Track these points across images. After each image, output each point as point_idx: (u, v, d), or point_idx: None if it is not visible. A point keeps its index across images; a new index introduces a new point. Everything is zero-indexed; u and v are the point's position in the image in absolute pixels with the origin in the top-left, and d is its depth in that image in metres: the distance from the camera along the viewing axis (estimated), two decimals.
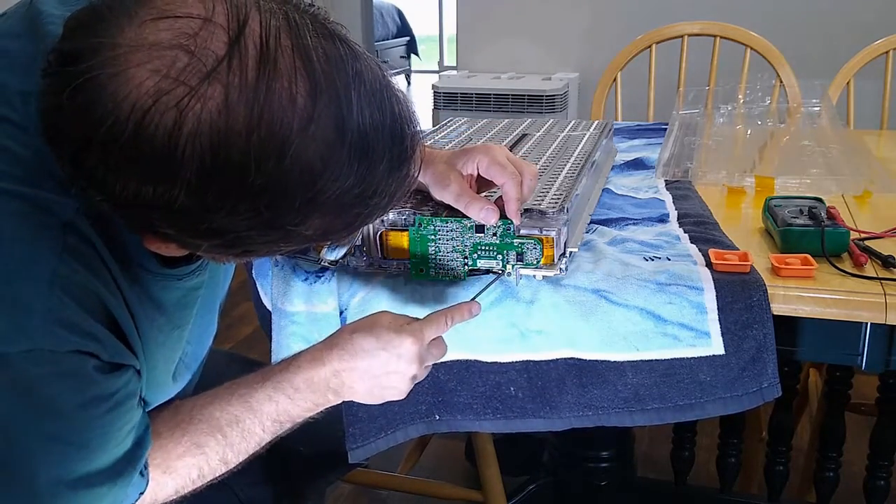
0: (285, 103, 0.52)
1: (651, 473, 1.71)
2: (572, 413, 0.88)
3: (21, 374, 0.57)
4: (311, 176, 0.54)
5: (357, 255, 0.90)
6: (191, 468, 0.73)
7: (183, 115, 0.51)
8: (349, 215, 0.59)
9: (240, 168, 0.52)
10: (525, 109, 3.32)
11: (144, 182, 0.53)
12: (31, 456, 0.60)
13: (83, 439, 0.62)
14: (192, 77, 0.51)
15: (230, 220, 0.55)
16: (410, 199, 0.92)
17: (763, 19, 2.80)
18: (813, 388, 1.73)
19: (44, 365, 0.58)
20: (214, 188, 0.53)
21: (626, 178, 1.26)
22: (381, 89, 0.57)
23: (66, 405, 0.60)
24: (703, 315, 0.84)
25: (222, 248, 0.59)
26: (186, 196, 0.53)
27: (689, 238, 0.97)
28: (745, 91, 1.65)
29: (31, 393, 0.58)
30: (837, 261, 0.89)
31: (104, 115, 0.51)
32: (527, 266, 0.85)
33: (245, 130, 0.52)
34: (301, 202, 0.55)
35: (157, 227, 0.57)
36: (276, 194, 0.54)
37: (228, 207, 0.54)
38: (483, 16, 3.57)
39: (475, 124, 1.32)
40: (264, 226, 0.56)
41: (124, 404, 0.65)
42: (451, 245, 0.86)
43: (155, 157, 0.52)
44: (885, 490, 1.34)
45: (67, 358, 0.59)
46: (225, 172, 0.52)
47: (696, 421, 1.21)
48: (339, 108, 0.54)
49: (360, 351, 0.76)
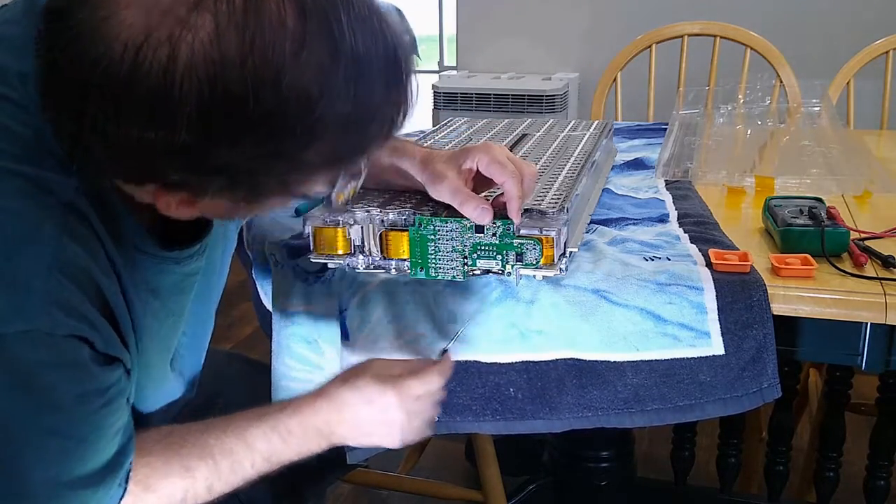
0: (276, 27, 0.52)
1: (651, 473, 1.71)
2: (572, 414, 0.88)
3: (18, 358, 0.57)
4: (308, 101, 0.54)
5: (356, 254, 0.89)
6: (176, 489, 0.72)
7: (175, 48, 0.51)
8: (351, 142, 0.59)
9: (238, 98, 0.52)
10: (525, 109, 3.32)
11: (146, 124, 0.53)
12: (29, 452, 0.59)
13: (81, 434, 0.62)
14: (180, 9, 0.51)
15: (233, 152, 0.55)
16: (410, 199, 0.92)
17: (763, 19, 2.80)
18: (813, 388, 1.73)
19: (40, 349, 0.58)
20: (215, 121, 0.53)
21: (626, 178, 1.26)
22: (370, 15, 0.57)
23: (66, 397, 0.60)
24: (703, 315, 0.84)
25: (230, 190, 0.58)
26: (188, 133, 0.53)
27: (689, 238, 0.97)
28: (745, 91, 1.65)
29: (30, 382, 0.58)
30: (837, 261, 0.89)
31: (98, 58, 0.51)
32: (527, 266, 0.85)
33: (239, 58, 0.52)
34: (301, 129, 0.55)
35: (163, 173, 0.56)
36: (276, 122, 0.54)
37: (230, 139, 0.54)
38: (483, 16, 3.57)
39: (475, 124, 1.32)
40: (268, 155, 0.56)
41: (115, 401, 0.65)
42: (451, 245, 0.86)
43: (153, 95, 0.52)
44: (885, 490, 1.34)
45: (64, 343, 0.59)
46: (224, 103, 0.52)
47: (696, 421, 1.21)
48: (331, 31, 0.54)
49: (345, 405, 0.78)
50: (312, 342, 0.91)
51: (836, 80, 1.82)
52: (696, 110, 1.63)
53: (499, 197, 0.84)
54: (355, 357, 0.91)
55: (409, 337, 0.90)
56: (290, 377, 0.92)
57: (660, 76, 1.92)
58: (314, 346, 0.91)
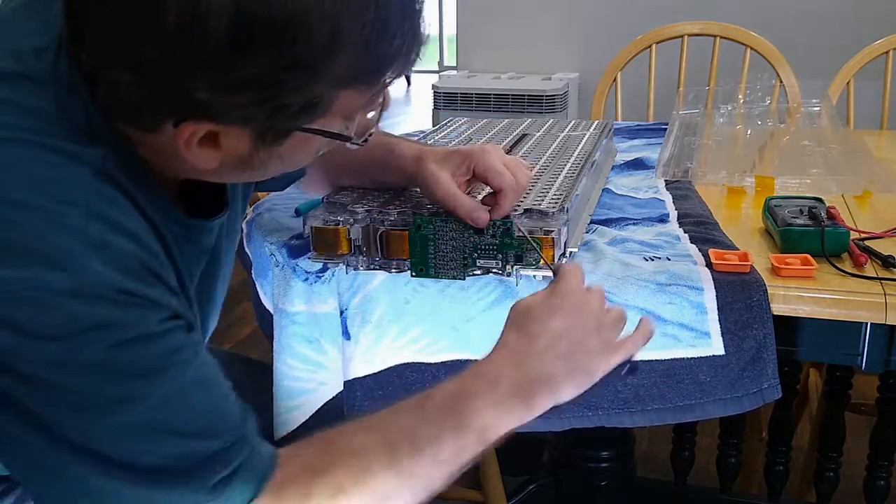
0: None
1: (651, 473, 1.71)
2: (572, 414, 0.88)
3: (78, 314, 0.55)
4: (331, 12, 0.55)
5: (356, 254, 0.90)
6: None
7: None
8: (373, 57, 0.59)
9: (264, 4, 0.53)
10: (525, 109, 3.32)
11: (174, 40, 0.53)
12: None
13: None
14: None
15: (258, 61, 0.55)
16: (410, 199, 0.92)
17: (763, 19, 2.80)
18: (813, 388, 1.73)
19: (97, 305, 0.55)
20: (241, 29, 0.53)
21: (626, 178, 1.26)
22: None
23: (141, 358, 0.57)
24: (703, 315, 0.84)
25: (257, 107, 0.58)
26: (214, 44, 0.53)
27: (689, 238, 0.97)
28: (745, 91, 1.65)
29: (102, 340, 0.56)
30: (837, 261, 0.89)
31: None
32: (527, 266, 0.85)
33: None
34: (324, 35, 0.55)
35: (191, 93, 0.56)
36: (300, 25, 0.54)
37: (256, 47, 0.54)
38: (483, 16, 3.57)
39: (475, 124, 1.32)
40: (292, 65, 0.56)
41: (182, 356, 0.61)
42: (451, 245, 0.86)
43: (180, 10, 0.52)
44: (885, 490, 1.34)
45: (119, 297, 0.56)
46: (248, 9, 0.53)
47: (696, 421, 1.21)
48: None
49: (511, 340, 0.71)
50: (314, 341, 0.91)
51: (836, 80, 1.82)
52: (696, 110, 1.63)
53: (489, 196, 0.85)
54: (356, 357, 0.91)
55: (409, 337, 0.90)
56: (293, 377, 0.92)
57: (660, 76, 1.92)
58: (316, 345, 0.91)
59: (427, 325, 0.89)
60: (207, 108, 0.57)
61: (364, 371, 0.91)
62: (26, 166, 0.56)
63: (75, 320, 0.54)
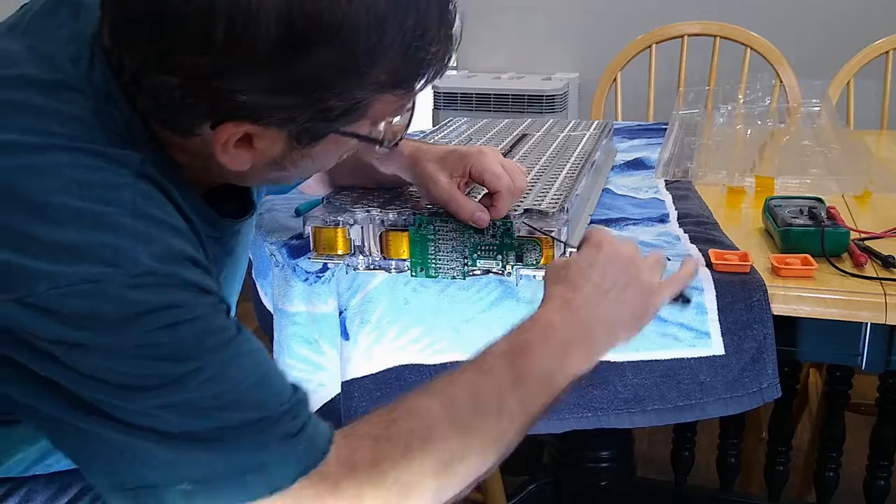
0: None
1: (651, 473, 1.71)
2: (572, 414, 0.88)
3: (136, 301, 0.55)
4: (377, 18, 0.56)
5: (356, 254, 0.90)
6: None
7: None
8: (413, 61, 0.61)
9: (314, 3, 0.54)
10: (525, 109, 3.32)
11: (223, 45, 0.54)
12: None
13: None
14: None
15: (311, 65, 0.56)
16: (410, 199, 0.92)
17: (763, 19, 2.79)
18: (813, 388, 1.73)
19: (151, 292, 0.56)
20: (296, 37, 0.54)
21: (626, 178, 1.26)
22: None
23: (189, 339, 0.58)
24: (703, 315, 0.84)
25: (301, 109, 0.59)
26: (267, 50, 0.54)
27: (689, 238, 0.97)
28: (745, 91, 1.65)
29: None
30: (837, 261, 0.89)
31: None
32: (526, 266, 0.85)
33: None
34: (370, 44, 0.57)
35: (236, 95, 0.57)
36: (348, 35, 0.56)
37: (309, 52, 0.55)
38: (483, 16, 3.57)
39: (475, 124, 1.32)
40: (343, 69, 0.57)
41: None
42: (451, 245, 0.86)
43: (231, 14, 0.53)
44: (885, 490, 1.34)
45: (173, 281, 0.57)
46: (299, 15, 0.54)
47: (696, 421, 1.21)
48: None
49: (556, 292, 0.72)
50: (313, 342, 0.91)
51: (836, 80, 1.82)
52: (696, 110, 1.63)
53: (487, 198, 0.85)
54: (354, 357, 0.91)
55: (409, 337, 0.90)
56: (292, 377, 0.92)
57: (660, 76, 1.92)
58: (315, 346, 0.91)
59: (427, 325, 0.89)
60: (250, 109, 0.58)
61: (362, 371, 0.91)
62: (70, 171, 0.57)
63: (130, 306, 0.54)
